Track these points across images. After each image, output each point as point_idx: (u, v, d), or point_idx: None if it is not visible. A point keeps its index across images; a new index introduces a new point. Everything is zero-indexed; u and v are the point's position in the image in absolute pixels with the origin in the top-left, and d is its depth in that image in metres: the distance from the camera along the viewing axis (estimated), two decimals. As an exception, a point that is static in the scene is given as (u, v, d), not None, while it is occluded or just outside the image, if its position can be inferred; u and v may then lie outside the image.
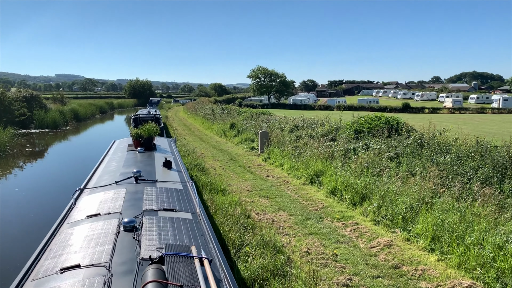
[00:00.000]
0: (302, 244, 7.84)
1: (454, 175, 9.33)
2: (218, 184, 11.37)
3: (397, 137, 13.09)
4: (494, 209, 7.58)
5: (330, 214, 9.73)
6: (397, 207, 8.78)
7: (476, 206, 7.87)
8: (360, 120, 15.93)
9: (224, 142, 23.57)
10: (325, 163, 13.06)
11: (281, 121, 22.24)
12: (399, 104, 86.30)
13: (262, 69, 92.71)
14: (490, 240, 6.47)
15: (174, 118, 46.08)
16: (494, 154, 9.59)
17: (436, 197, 8.65)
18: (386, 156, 11.78)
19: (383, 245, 7.77)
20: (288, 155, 15.56)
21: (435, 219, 7.67)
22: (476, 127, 44.21)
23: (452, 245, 7.02)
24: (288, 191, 12.07)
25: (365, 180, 10.60)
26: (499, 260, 6.06)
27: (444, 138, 12.14)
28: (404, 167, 10.70)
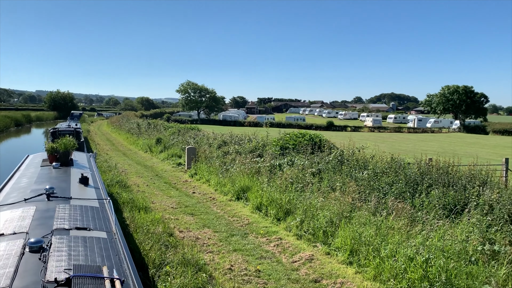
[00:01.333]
0: (225, 261, 7.76)
1: (371, 190, 9.80)
2: (141, 202, 10.98)
3: (320, 153, 13.56)
4: (406, 223, 8.04)
5: (255, 230, 9.75)
6: (318, 222, 9.01)
7: (391, 220, 8.30)
8: (286, 137, 16.31)
9: (149, 158, 22.94)
10: (252, 179, 13.15)
11: (209, 136, 22.15)
12: (324, 122, 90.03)
13: (191, 84, 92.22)
14: (402, 252, 6.82)
15: (97, 133, 44.17)
16: (406, 170, 10.23)
17: (355, 212, 9.01)
18: (309, 172, 12.12)
19: (304, 259, 7.92)
20: (215, 171, 15.48)
21: (353, 233, 7.96)
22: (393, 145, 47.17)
23: (368, 257, 7.31)
24: (214, 207, 11.96)
25: (289, 195, 10.80)
26: (410, 271, 6.40)
27: (362, 155, 12.76)
28: (326, 182, 11.07)
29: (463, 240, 6.95)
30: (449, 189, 8.83)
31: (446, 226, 7.62)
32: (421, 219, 8.09)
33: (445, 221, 7.88)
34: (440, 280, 5.98)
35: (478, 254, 6.56)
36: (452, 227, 7.60)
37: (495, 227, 7.16)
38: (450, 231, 7.36)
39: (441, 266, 6.19)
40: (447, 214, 8.19)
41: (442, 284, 5.93)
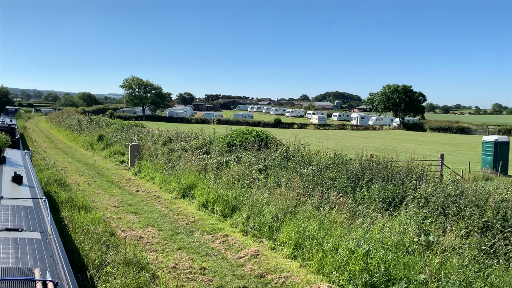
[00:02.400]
0: (170, 259, 7.61)
1: (315, 185, 10.00)
2: (80, 201, 10.52)
3: (266, 150, 13.65)
4: (348, 216, 8.28)
5: (200, 227, 9.65)
6: (264, 217, 9.07)
7: (333, 214, 8.51)
8: (233, 133, 16.29)
9: (91, 156, 22.08)
10: (198, 176, 13.01)
11: (154, 133, 21.66)
12: (272, 119, 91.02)
13: (136, 79, 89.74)
14: (344, 245, 7.01)
15: (35, 129, 41.93)
16: (349, 166, 10.54)
17: (300, 206, 9.15)
18: (256, 168, 12.18)
19: (250, 255, 7.93)
20: (160, 168, 15.16)
21: (297, 227, 8.08)
22: (337, 142, 48.55)
23: (312, 251, 7.45)
24: (158, 205, 11.71)
25: (235, 192, 10.79)
26: (351, 263, 6.59)
27: (307, 152, 13.00)
28: (272, 178, 11.17)
29: (401, 232, 7.25)
30: (388, 183, 9.19)
31: (385, 219, 7.93)
32: (362, 213, 8.36)
33: (384, 214, 8.20)
34: (379, 271, 6.20)
35: (414, 245, 6.87)
36: (391, 219, 7.92)
37: (430, 219, 7.54)
38: (389, 224, 7.66)
39: (380, 258, 6.42)
40: (386, 207, 8.52)
41: (381, 275, 6.15)
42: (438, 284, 5.76)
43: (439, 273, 5.99)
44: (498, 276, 5.69)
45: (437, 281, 5.83)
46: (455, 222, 7.24)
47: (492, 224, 6.74)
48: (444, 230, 7.21)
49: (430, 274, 5.89)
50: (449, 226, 7.22)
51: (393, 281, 6.07)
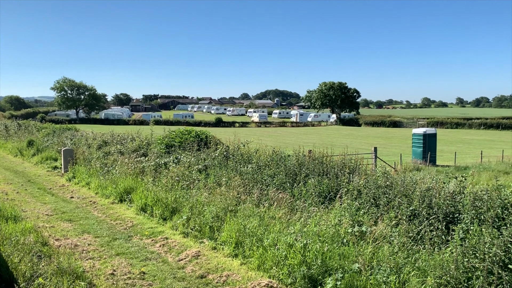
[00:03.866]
0: (107, 266, 7.39)
1: (254, 183, 10.12)
2: (9, 211, 9.91)
3: (206, 150, 13.61)
4: (287, 211, 8.47)
5: (139, 232, 9.44)
6: (205, 218, 9.04)
7: (273, 210, 8.67)
8: (171, 134, 16.05)
9: (20, 163, 20.82)
10: (136, 180, 12.71)
11: (88, 137, 20.83)
12: (213, 118, 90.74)
13: (68, 81, 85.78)
14: (283, 240, 7.16)
15: (-44, 136, 38.79)
16: (287, 162, 10.76)
17: (240, 205, 9.22)
18: (196, 168, 12.10)
19: (191, 256, 7.89)
20: (95, 173, 14.63)
21: (238, 226, 8.14)
22: (278, 139, 49.40)
23: (252, 248, 7.54)
24: (95, 212, 11.30)
25: (175, 193, 10.65)
26: (290, 257, 6.75)
27: (247, 150, 13.11)
28: (212, 178, 11.15)
29: (336, 224, 7.53)
30: (324, 177, 9.50)
31: (322, 212, 8.20)
32: (299, 207, 8.59)
33: (321, 207, 8.47)
34: (316, 263, 6.41)
35: (349, 236, 7.17)
36: (327, 212, 8.20)
37: (363, 210, 7.89)
38: (325, 217, 7.93)
39: (317, 250, 6.63)
40: (322, 201, 8.81)
41: (318, 266, 6.36)
42: (371, 272, 6.05)
43: (372, 261, 6.29)
44: (424, 260, 6.08)
45: (370, 269, 6.12)
46: (386, 212, 7.63)
47: (418, 212, 7.18)
48: (376, 220, 7.58)
49: (363, 263, 6.17)
50: (380, 216, 7.60)
51: (330, 272, 6.29)
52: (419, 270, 5.88)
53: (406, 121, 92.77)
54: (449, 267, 5.56)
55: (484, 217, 6.45)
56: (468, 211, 6.72)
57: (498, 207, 6.53)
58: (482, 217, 6.53)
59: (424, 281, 5.65)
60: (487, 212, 6.46)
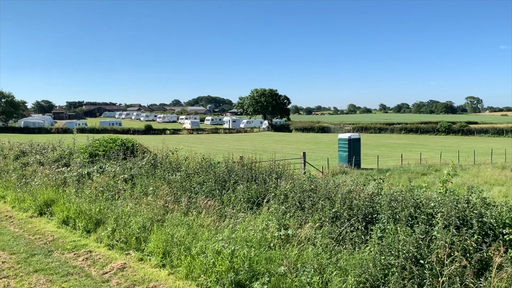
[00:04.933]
0: (24, 284, 6.92)
1: (183, 191, 10.01)
2: None
3: (133, 158, 13.23)
4: (215, 219, 8.47)
5: (61, 246, 8.94)
6: (131, 229, 8.78)
7: (201, 218, 8.62)
8: (95, 143, 15.42)
9: None
10: (57, 191, 12.04)
11: (4, 147, 19.44)
12: (142, 126, 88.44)
13: (-18, 88, 79.47)
14: (211, 248, 7.14)
15: None
16: (216, 169, 10.77)
17: (168, 214, 9.07)
18: (122, 178, 11.72)
19: (116, 269, 7.61)
20: (12, 185, 13.67)
21: (165, 235, 8.00)
22: (211, 146, 49.26)
23: (180, 257, 7.44)
24: (11, 227, 10.53)
25: (100, 205, 10.24)
26: (218, 264, 6.75)
27: (175, 158, 12.94)
28: (139, 187, 10.87)
29: (263, 229, 7.66)
30: (252, 183, 9.63)
31: (250, 218, 8.30)
32: (228, 214, 8.62)
33: (249, 213, 8.57)
34: (244, 268, 6.46)
35: (275, 240, 7.32)
36: (255, 218, 8.32)
37: (289, 214, 8.10)
38: (252, 222, 8.03)
39: (245, 256, 6.69)
40: (250, 206, 8.92)
41: (245, 272, 6.42)
42: (296, 274, 6.22)
43: (297, 264, 6.47)
44: (345, 260, 6.36)
45: (295, 271, 6.28)
46: (310, 214, 7.89)
47: (340, 214, 7.50)
48: (302, 223, 7.81)
49: (289, 265, 6.33)
50: (306, 219, 7.85)
51: (257, 277, 6.38)
52: (341, 270, 6.14)
53: (334, 127, 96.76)
54: (368, 265, 5.86)
55: (399, 216, 6.88)
56: (385, 211, 7.13)
57: (411, 206, 7.00)
58: (397, 216, 6.96)
59: (345, 280, 5.90)
60: (402, 211, 6.90)
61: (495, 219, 6.47)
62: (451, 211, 6.47)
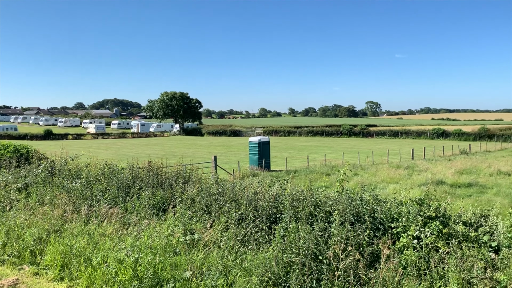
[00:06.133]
0: None
1: (83, 199, 9.51)
2: None
3: (28, 166, 12.26)
4: (118, 227, 8.15)
5: None
6: (24, 242, 8.12)
7: (103, 227, 8.25)
8: (-16, 150, 14.02)
9: None
10: None
11: None
12: (41, 131, 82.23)
13: None
14: (113, 257, 6.87)
15: None
16: (119, 175, 10.37)
17: (66, 224, 8.54)
18: (14, 187, 10.80)
19: (7, 286, 6.98)
20: None
21: (64, 247, 7.53)
22: (117, 151, 47.24)
23: (80, 269, 7.04)
24: None
25: (-12, 217, 9.32)
26: (121, 273, 6.51)
27: (75, 164, 12.23)
28: (34, 197, 10.10)
29: (169, 235, 7.55)
30: (158, 189, 9.44)
31: (155, 224, 8.12)
32: (132, 221, 8.36)
33: (154, 219, 8.39)
34: (148, 276, 6.31)
35: (181, 245, 7.24)
36: (160, 224, 8.16)
37: (196, 218, 8.08)
38: (158, 228, 7.87)
39: (149, 263, 6.53)
40: (156, 212, 8.74)
41: (150, 279, 6.26)
42: (201, 277, 6.21)
43: (203, 267, 6.47)
44: (249, 260, 6.50)
45: (201, 275, 6.28)
46: (217, 218, 7.94)
47: (246, 216, 7.66)
48: (208, 226, 7.83)
49: (194, 270, 6.31)
50: (213, 222, 7.88)
51: (162, 283, 6.26)
52: (246, 270, 6.27)
53: (246, 130, 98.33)
54: (271, 264, 6.05)
55: (300, 215, 7.20)
56: (287, 210, 7.42)
57: (311, 205, 7.37)
58: (298, 215, 7.29)
59: (250, 280, 6.03)
60: (302, 210, 7.24)
61: (385, 214, 7.06)
62: (346, 209, 6.94)
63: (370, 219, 6.73)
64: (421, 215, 6.61)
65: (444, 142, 67.42)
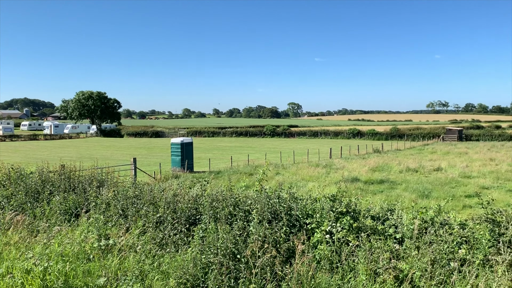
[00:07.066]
0: None
1: (-15, 207, 8.74)
2: None
3: None
4: (26, 235, 7.61)
5: None
6: None
7: (9, 235, 7.65)
8: None
9: None
10: None
11: None
12: None
13: None
14: (19, 267, 6.39)
15: None
16: (27, 180, 9.68)
17: (-35, 235, 7.80)
18: None
19: None
20: None
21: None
22: (27, 154, 44.00)
23: (-20, 283, 6.47)
24: None
25: None
26: (28, 284, 6.08)
27: (-24, 169, 11.22)
28: None
29: (82, 241, 7.19)
30: (71, 193, 8.96)
31: (67, 230, 7.70)
32: (42, 228, 7.85)
33: (66, 225, 7.95)
34: (58, 285, 5.96)
35: (95, 251, 6.94)
36: (73, 230, 7.75)
37: (111, 223, 7.78)
38: (70, 235, 7.47)
39: (59, 271, 6.18)
40: (68, 218, 8.28)
41: (60, 289, 5.93)
42: (117, 283, 6.00)
43: (118, 273, 6.25)
44: (167, 263, 6.40)
45: (116, 281, 6.06)
46: (134, 221, 7.71)
47: (164, 218, 7.52)
48: (125, 230, 7.58)
49: (109, 276, 6.07)
50: (129, 226, 7.65)
51: (73, 292, 5.95)
52: (163, 274, 6.16)
53: (168, 131, 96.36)
54: (189, 265, 6.00)
55: (220, 215, 7.24)
56: (207, 211, 7.42)
57: (231, 205, 7.44)
58: (218, 215, 7.31)
59: (167, 283, 5.94)
60: (222, 210, 7.27)
61: (301, 211, 7.32)
62: (264, 207, 7.09)
63: (286, 216, 6.94)
64: (333, 210, 6.95)
65: (359, 141, 71.43)
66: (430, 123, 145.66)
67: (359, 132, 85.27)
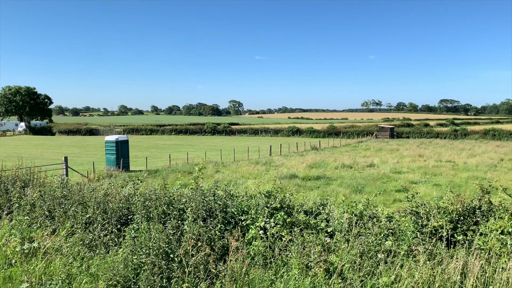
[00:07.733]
0: None
1: None
2: None
3: None
4: None
5: None
6: None
7: None
8: None
9: None
10: None
11: None
12: None
13: None
14: None
15: None
16: None
17: None
18: None
19: None
20: None
21: None
22: None
23: None
24: None
25: None
26: None
27: None
28: None
29: (3, 244, 6.74)
30: (-9, 194, 8.36)
31: (-14, 235, 7.18)
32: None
33: (-15, 229, 7.41)
34: (-26, 294, 5.54)
35: (18, 255, 6.52)
36: (-8, 234, 7.23)
37: (36, 225, 7.35)
38: (-11, 239, 6.97)
39: (-24, 279, 5.74)
40: (-12, 221, 7.72)
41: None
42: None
43: (43, 277, 5.92)
44: (97, 265, 6.16)
45: (40, 285, 5.74)
46: (61, 223, 7.34)
47: (94, 219, 7.22)
48: (51, 232, 7.19)
49: (33, 281, 5.73)
50: (57, 228, 7.26)
51: (-9, 301, 5.56)
52: (92, 276, 5.92)
53: (103, 129, 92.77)
54: (119, 267, 5.81)
55: (153, 215, 7.07)
56: (139, 211, 7.21)
57: (164, 204, 7.29)
58: (151, 215, 7.14)
59: (96, 286, 5.71)
60: (155, 210, 7.11)
61: (237, 208, 7.34)
62: (199, 205, 7.02)
63: (222, 213, 6.92)
64: (268, 206, 7.03)
65: (298, 139, 73.03)
66: (365, 121, 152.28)
67: (298, 130, 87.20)
